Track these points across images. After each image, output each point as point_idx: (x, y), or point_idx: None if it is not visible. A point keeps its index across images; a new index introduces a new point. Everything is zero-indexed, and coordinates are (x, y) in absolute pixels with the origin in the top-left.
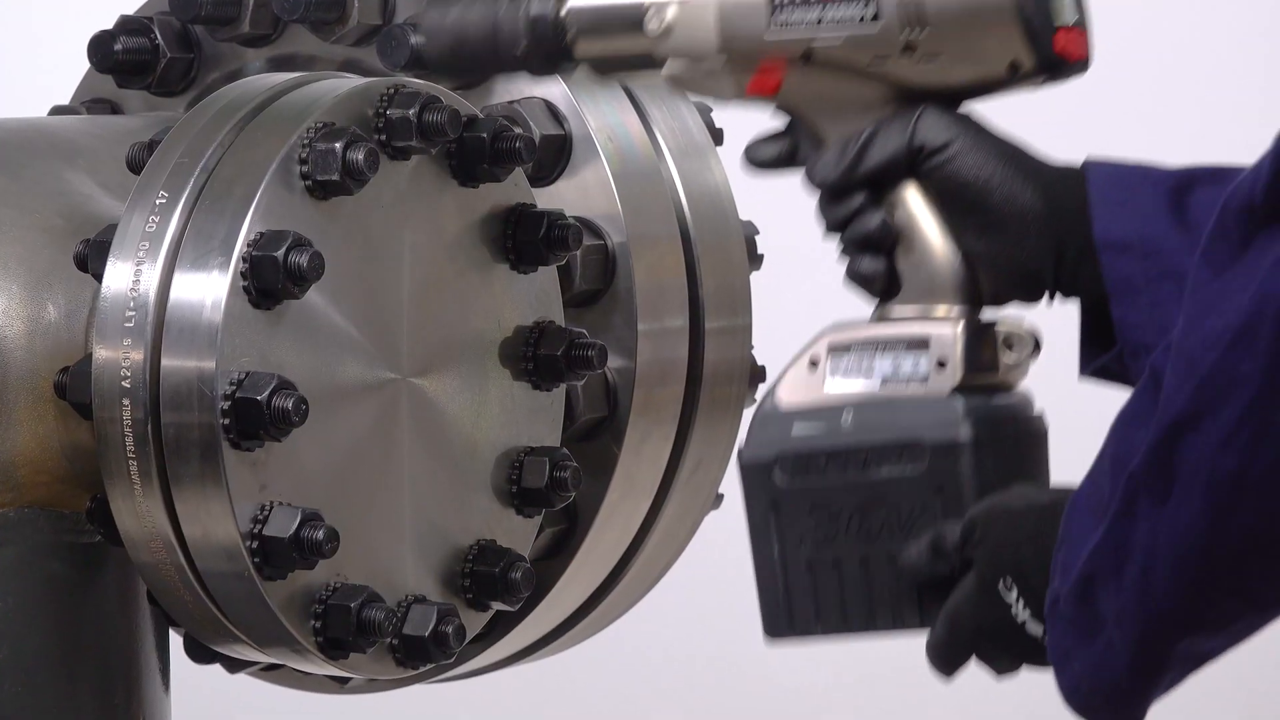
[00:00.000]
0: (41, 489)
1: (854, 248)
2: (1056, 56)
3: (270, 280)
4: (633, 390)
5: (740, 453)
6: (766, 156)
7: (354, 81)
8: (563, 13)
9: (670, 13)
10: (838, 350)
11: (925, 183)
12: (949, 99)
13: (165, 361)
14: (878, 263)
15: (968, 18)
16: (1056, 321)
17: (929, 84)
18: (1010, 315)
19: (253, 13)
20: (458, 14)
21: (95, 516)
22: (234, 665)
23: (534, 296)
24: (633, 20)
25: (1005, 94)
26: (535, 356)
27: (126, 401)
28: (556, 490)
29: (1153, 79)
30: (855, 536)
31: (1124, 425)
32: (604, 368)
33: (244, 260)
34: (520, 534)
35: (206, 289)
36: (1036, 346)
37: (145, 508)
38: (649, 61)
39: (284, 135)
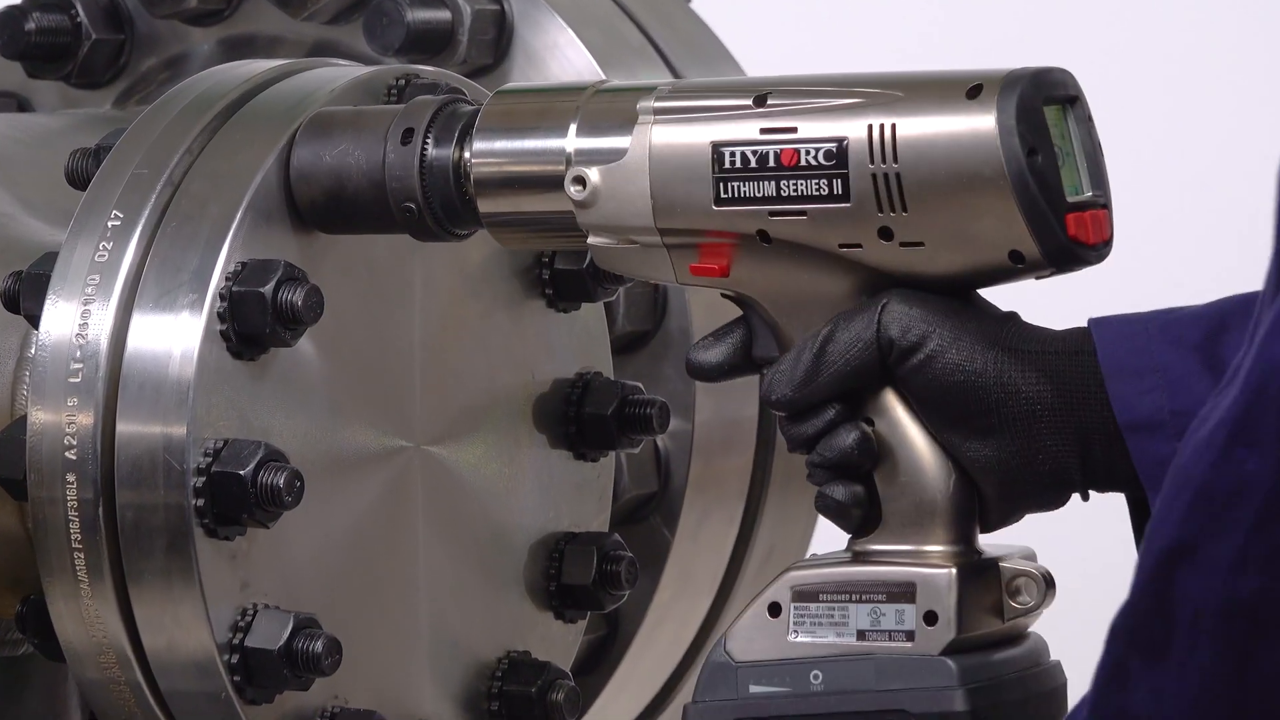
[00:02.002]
0: None
1: (824, 472)
2: (1069, 243)
3: (255, 323)
4: (689, 459)
5: (685, 710)
6: (713, 360)
7: (354, 70)
8: (466, 157)
9: (594, 177)
10: (804, 595)
11: (905, 387)
12: (935, 287)
13: (122, 426)
14: (853, 489)
15: (954, 197)
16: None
17: (913, 273)
18: (1017, 551)
19: None
20: (340, 153)
21: (27, 623)
22: None
23: (576, 341)
24: (549, 180)
25: (1007, 283)
26: (579, 417)
27: (72, 477)
28: (606, 588)
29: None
30: None
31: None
32: (665, 431)
33: (221, 298)
34: (560, 644)
35: (174, 335)
36: (1050, 588)
37: (94, 611)
38: (569, 226)
39: (270, 139)
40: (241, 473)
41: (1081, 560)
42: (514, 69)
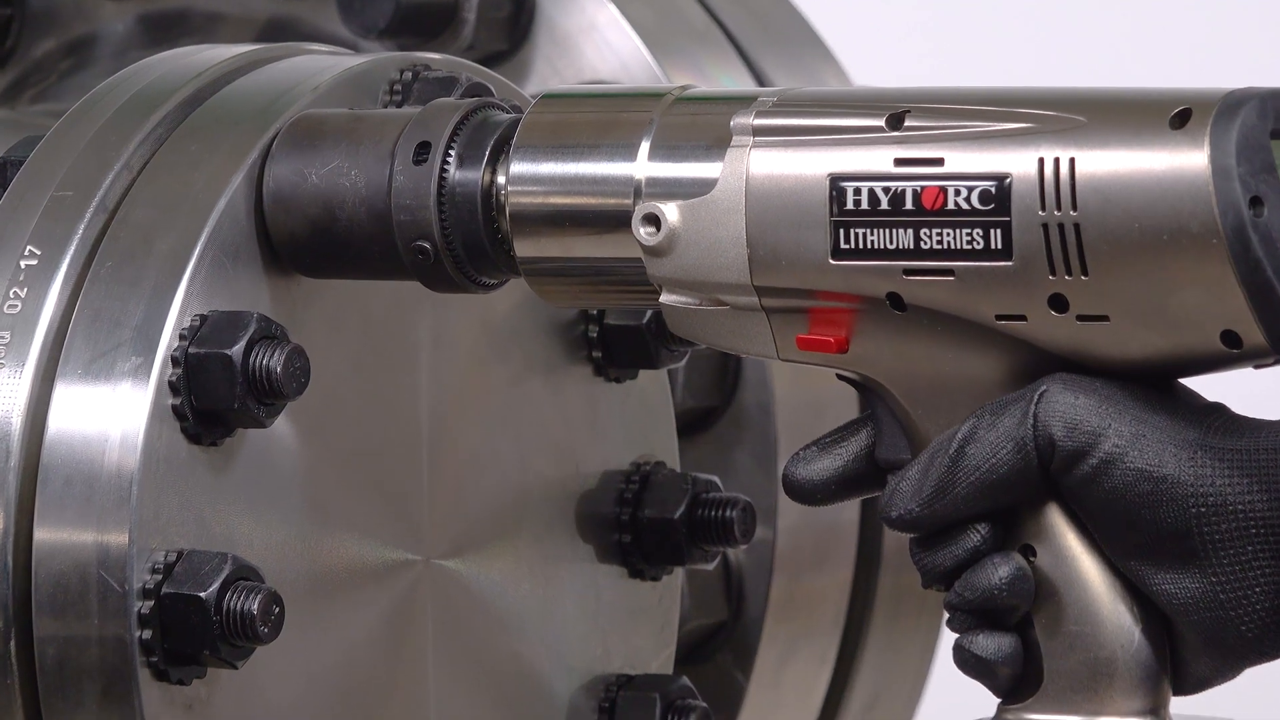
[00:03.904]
0: None
1: (965, 617)
2: None
3: (219, 396)
4: (769, 577)
5: None
6: (821, 475)
7: (344, 60)
8: (500, 182)
9: (671, 216)
10: None
11: (1073, 503)
12: (1120, 376)
13: (41, 533)
14: (1004, 641)
15: (1151, 258)
16: None
17: (1092, 355)
18: None
19: None
20: (330, 172)
21: None
22: None
23: (632, 420)
24: (612, 217)
25: (1216, 372)
26: (636, 522)
27: None
28: None
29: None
30: None
31: None
32: (750, 541)
33: (174, 362)
34: None
35: (111, 411)
36: None
37: None
38: (636, 279)
39: (237, 152)
40: (202, 595)
41: None
42: (536, 58)
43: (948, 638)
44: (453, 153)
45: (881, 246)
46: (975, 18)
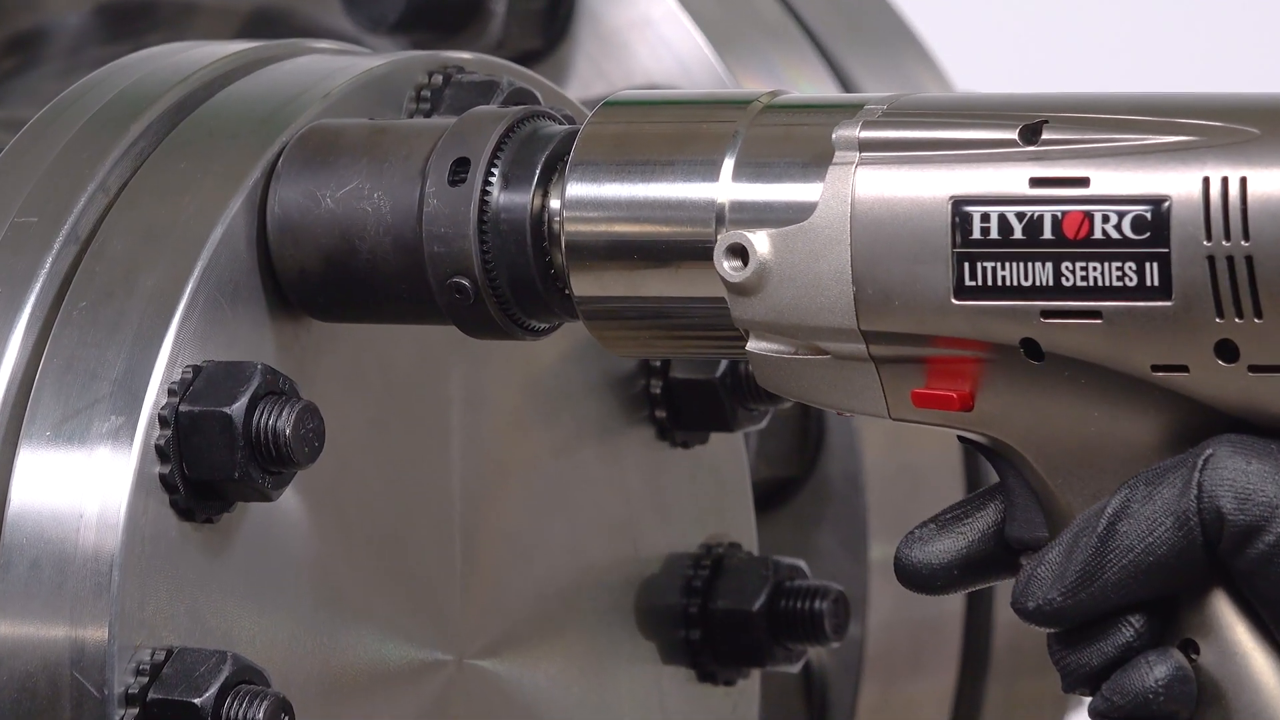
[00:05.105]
0: None
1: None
2: None
3: (216, 463)
4: (857, 684)
5: None
6: (942, 559)
7: (361, 60)
8: (554, 207)
9: (761, 247)
10: None
11: (1246, 589)
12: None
13: (2, 627)
14: None
15: None
16: None
17: (1267, 413)
18: None
19: None
20: (349, 194)
21: None
22: None
23: (702, 494)
24: (689, 248)
25: None
26: (708, 616)
27: None
28: None
29: None
30: None
31: None
32: (842, 638)
33: (162, 423)
34: None
35: (87, 482)
36: None
37: None
38: (718, 322)
39: (235, 171)
40: (196, 702)
41: None
42: (577, 57)
43: None
44: (496, 171)
45: (1014, 283)
46: (1100, 10)
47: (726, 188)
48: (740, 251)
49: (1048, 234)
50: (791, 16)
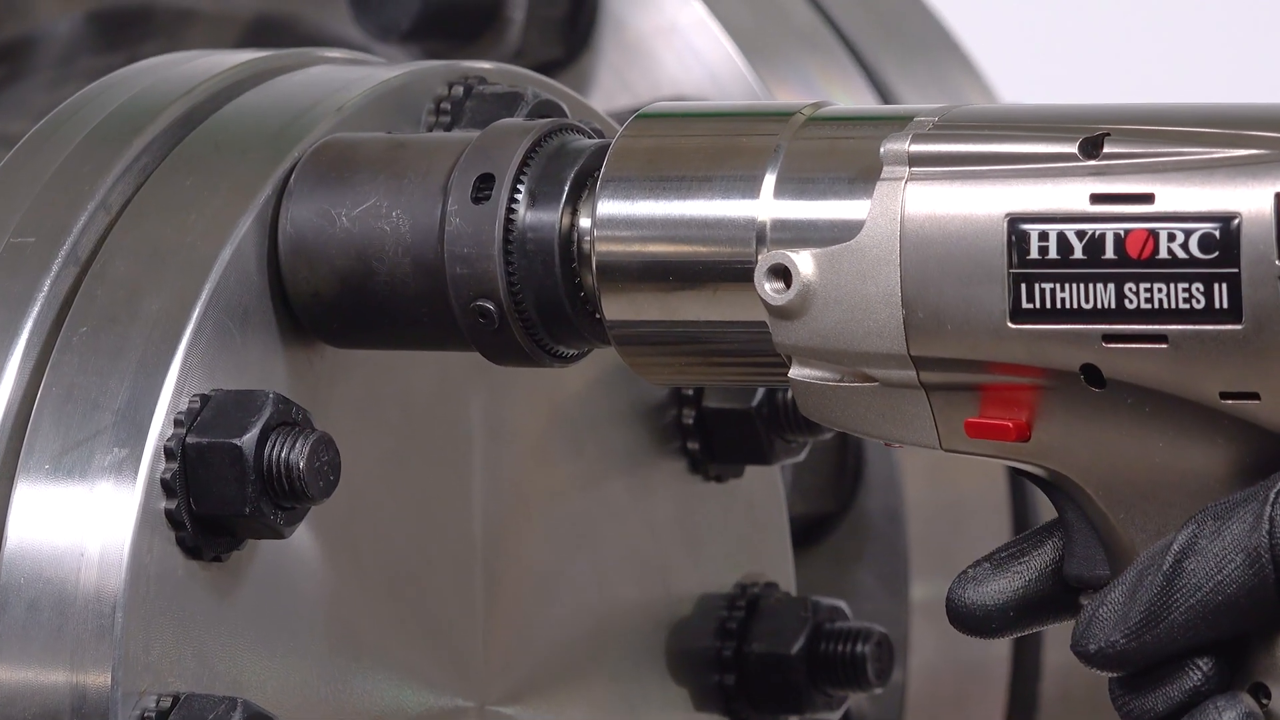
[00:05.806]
0: None
1: None
2: None
3: (225, 498)
4: None
5: None
6: (998, 599)
7: (377, 71)
8: (584, 226)
9: (805, 268)
10: None
11: None
12: None
13: (1, 672)
14: None
15: None
16: None
17: None
18: None
19: None
20: (365, 212)
21: None
22: None
23: (737, 530)
24: (728, 269)
25: None
26: (743, 659)
27: None
28: None
29: None
30: None
31: None
32: (886, 684)
33: (168, 455)
34: None
35: (89, 518)
36: None
37: None
38: (759, 348)
39: (244, 188)
40: None
41: None
42: (599, 67)
43: None
44: (522, 188)
45: (1074, 306)
46: (1152, 17)
47: (768, 205)
48: (783, 273)
49: (1110, 253)
50: (826, 22)
